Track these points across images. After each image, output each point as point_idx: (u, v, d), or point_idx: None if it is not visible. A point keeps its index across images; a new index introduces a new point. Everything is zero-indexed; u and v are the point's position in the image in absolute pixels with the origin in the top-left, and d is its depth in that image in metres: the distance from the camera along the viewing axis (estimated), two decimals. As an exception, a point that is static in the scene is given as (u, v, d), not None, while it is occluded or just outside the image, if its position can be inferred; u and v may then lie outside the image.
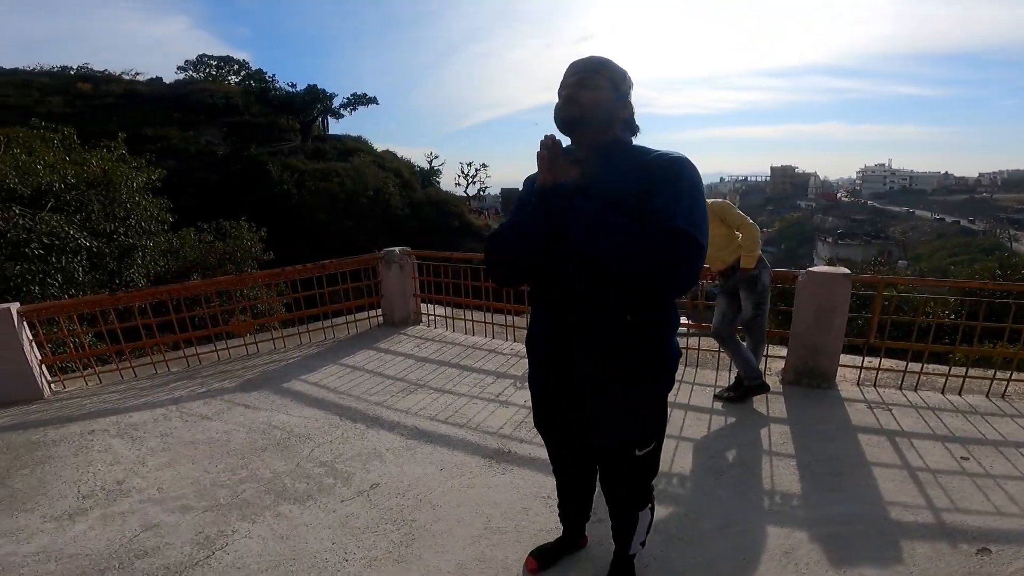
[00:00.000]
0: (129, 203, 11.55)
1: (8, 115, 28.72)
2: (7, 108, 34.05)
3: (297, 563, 2.28)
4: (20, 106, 35.06)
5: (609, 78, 1.65)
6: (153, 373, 4.97)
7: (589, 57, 1.67)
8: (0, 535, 2.53)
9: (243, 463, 3.21)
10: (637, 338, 1.65)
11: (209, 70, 49.18)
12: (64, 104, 37.49)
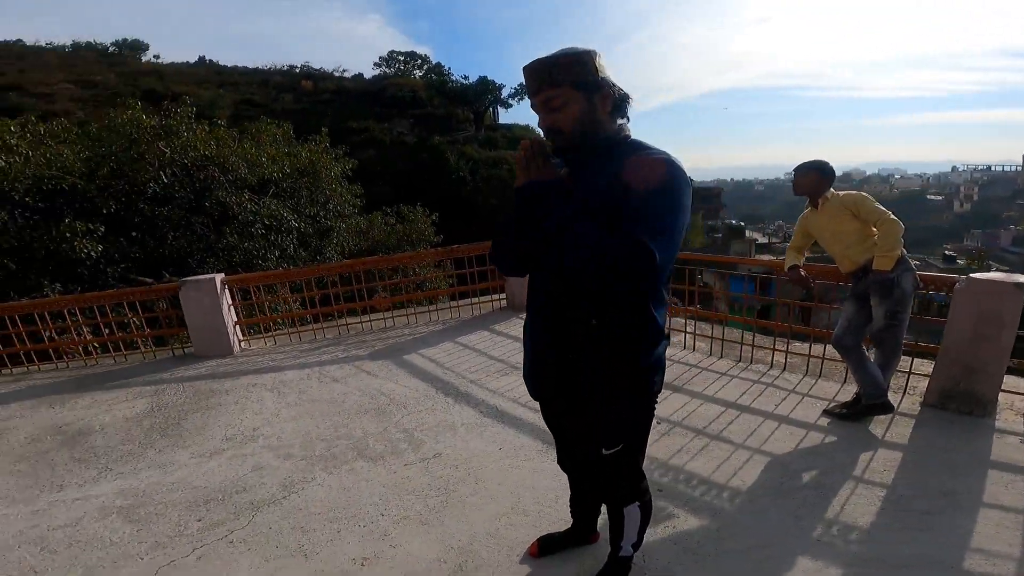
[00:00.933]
0: (328, 189, 13.44)
1: (254, 111, 35.05)
2: (254, 105, 41.56)
3: (344, 511, 2.65)
4: (262, 103, 42.57)
5: (571, 80, 1.55)
6: (312, 339, 5.89)
7: (538, 65, 1.57)
8: (157, 466, 3.31)
9: (345, 422, 3.73)
10: (604, 343, 1.63)
11: (398, 65, 54.43)
12: (293, 101, 44.55)
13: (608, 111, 1.62)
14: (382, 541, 2.39)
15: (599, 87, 1.58)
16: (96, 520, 2.69)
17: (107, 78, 45.00)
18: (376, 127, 40.57)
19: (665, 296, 1.73)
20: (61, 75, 44.09)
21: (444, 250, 6.20)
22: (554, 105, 1.57)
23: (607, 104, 1.60)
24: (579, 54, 1.56)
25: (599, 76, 1.58)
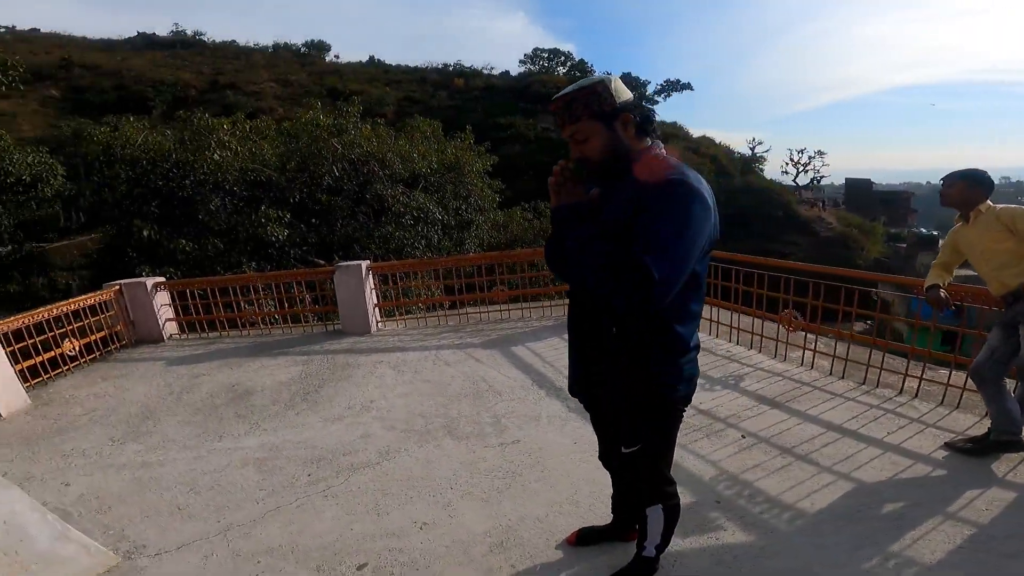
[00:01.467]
0: (470, 184, 14.29)
1: (414, 107, 37.93)
2: (413, 102, 44.92)
3: (421, 481, 3.01)
4: (421, 100, 45.84)
5: (588, 113, 1.65)
6: (437, 324, 6.46)
7: (558, 102, 1.69)
8: (292, 426, 3.96)
9: (445, 403, 4.13)
10: (621, 352, 1.75)
11: (542, 62, 55.06)
12: (447, 97, 47.30)
13: (632, 134, 1.71)
14: (443, 510, 2.71)
15: (617, 114, 1.67)
16: (236, 468, 3.35)
17: (300, 77, 51.34)
18: (521, 123, 41.72)
19: (695, 309, 1.78)
20: (266, 74, 51.12)
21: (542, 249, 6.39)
22: (578, 138, 1.69)
23: (629, 128, 1.69)
24: (592, 85, 1.67)
25: (616, 102, 1.67)
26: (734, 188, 36.58)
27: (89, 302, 6.01)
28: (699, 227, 1.58)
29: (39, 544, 2.35)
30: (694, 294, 1.74)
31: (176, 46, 59.49)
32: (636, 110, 1.70)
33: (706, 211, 1.61)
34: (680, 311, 1.73)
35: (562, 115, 1.70)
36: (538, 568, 2.25)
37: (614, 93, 1.67)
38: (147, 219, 11.11)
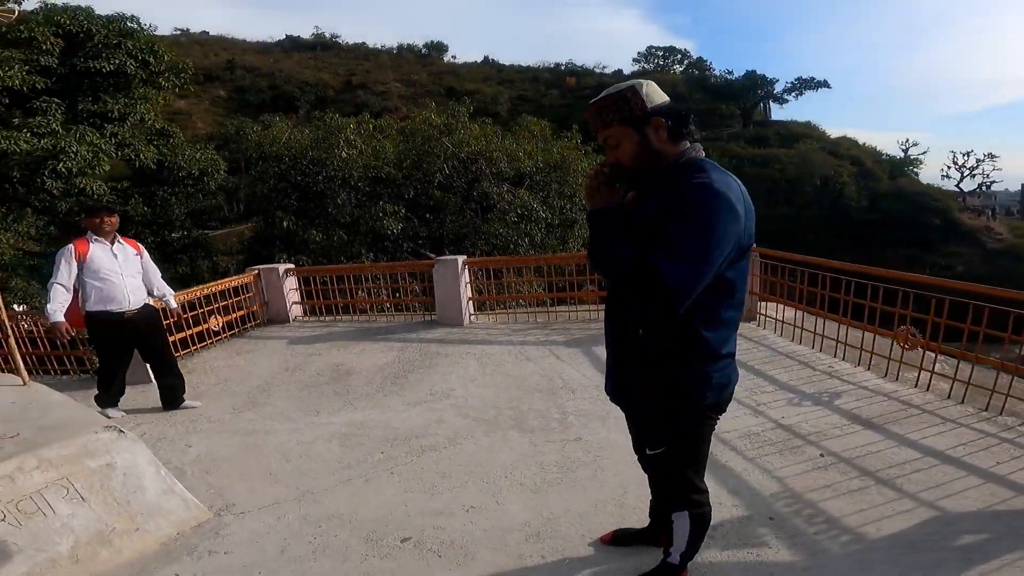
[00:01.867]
0: (575, 184, 14.25)
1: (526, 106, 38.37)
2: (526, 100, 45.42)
3: (478, 468, 3.16)
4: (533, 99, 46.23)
5: (619, 119, 1.68)
6: (526, 321, 6.61)
7: (590, 108, 1.73)
8: (378, 407, 4.29)
9: (520, 396, 4.25)
10: (647, 354, 1.77)
11: (656, 60, 53.12)
12: (559, 96, 47.27)
13: (664, 138, 1.70)
14: (492, 497, 2.83)
15: (648, 119, 1.68)
16: (324, 441, 3.71)
17: (421, 77, 54.08)
18: None
19: (727, 316, 1.74)
20: (391, 74, 54.45)
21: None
22: (611, 143, 1.73)
23: (661, 133, 1.69)
24: (622, 92, 1.69)
25: (647, 107, 1.67)
26: (881, 191, 33.11)
27: (232, 284, 6.87)
28: (722, 233, 1.56)
29: (148, 495, 2.80)
30: (726, 300, 1.71)
31: (316, 48, 64.97)
32: (668, 114, 1.69)
33: (732, 216, 1.57)
34: (709, 316, 1.70)
35: (595, 120, 1.74)
36: (566, 562, 2.30)
37: (645, 98, 1.68)
38: (287, 211, 12.43)
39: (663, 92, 1.75)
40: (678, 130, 1.70)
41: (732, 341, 1.79)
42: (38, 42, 12.05)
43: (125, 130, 13.44)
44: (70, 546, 2.51)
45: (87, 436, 2.89)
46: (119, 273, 4.21)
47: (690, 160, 1.70)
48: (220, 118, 40.22)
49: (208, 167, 14.53)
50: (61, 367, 5.93)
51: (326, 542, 2.56)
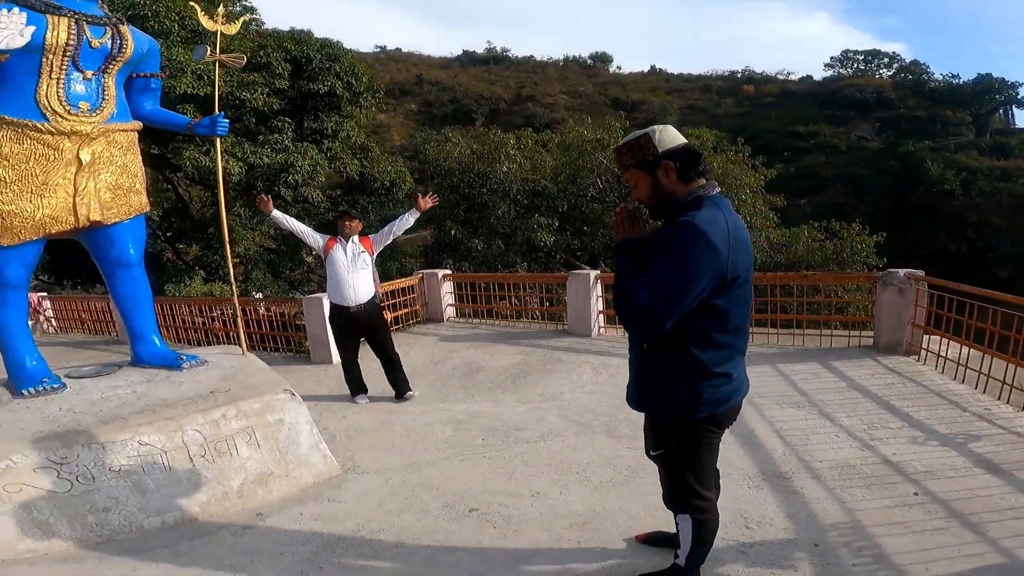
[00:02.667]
0: (737, 199, 13.50)
1: (697, 116, 36.62)
2: (697, 110, 43.19)
3: (558, 462, 3.52)
4: (704, 108, 43.79)
5: (634, 163, 1.96)
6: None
7: (615, 154, 2.03)
8: (493, 401, 4.82)
9: (619, 405, 4.17)
10: (654, 366, 2.04)
11: (856, 65, 46.88)
12: (734, 105, 44.19)
13: (674, 179, 1.95)
14: (556, 487, 3.18)
15: (659, 162, 1.94)
16: (441, 425, 4.32)
17: (587, 88, 54.49)
18: (828, 131, 36.86)
19: (719, 339, 1.94)
20: (558, 87, 55.68)
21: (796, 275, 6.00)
22: (631, 184, 2.04)
23: (670, 174, 1.95)
24: (636, 139, 1.98)
25: (659, 152, 1.93)
26: None
27: (401, 285, 7.99)
28: (695, 267, 1.78)
29: (301, 450, 3.61)
30: (717, 325, 1.91)
31: (489, 62, 68.78)
32: (677, 157, 1.93)
33: (708, 252, 1.78)
34: (701, 338, 1.91)
35: (619, 164, 2.06)
36: (596, 550, 2.58)
37: (657, 144, 1.94)
38: (456, 220, 13.77)
39: (679, 135, 1.99)
40: (686, 171, 1.93)
41: (731, 363, 1.97)
42: (272, 67, 14.41)
43: (336, 145, 15.94)
44: (239, 483, 3.36)
45: (271, 395, 3.72)
46: (347, 270, 4.70)
47: (696, 198, 1.91)
48: (412, 130, 44.81)
49: (397, 178, 16.62)
50: (275, 345, 7.42)
51: (413, 502, 3.13)
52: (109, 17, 3.62)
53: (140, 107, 3.95)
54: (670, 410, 2.02)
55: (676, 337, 1.91)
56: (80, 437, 3.13)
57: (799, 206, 38.70)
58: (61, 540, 2.92)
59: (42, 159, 3.41)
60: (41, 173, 3.43)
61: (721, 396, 1.97)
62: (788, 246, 14.51)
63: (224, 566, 2.66)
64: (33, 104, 3.35)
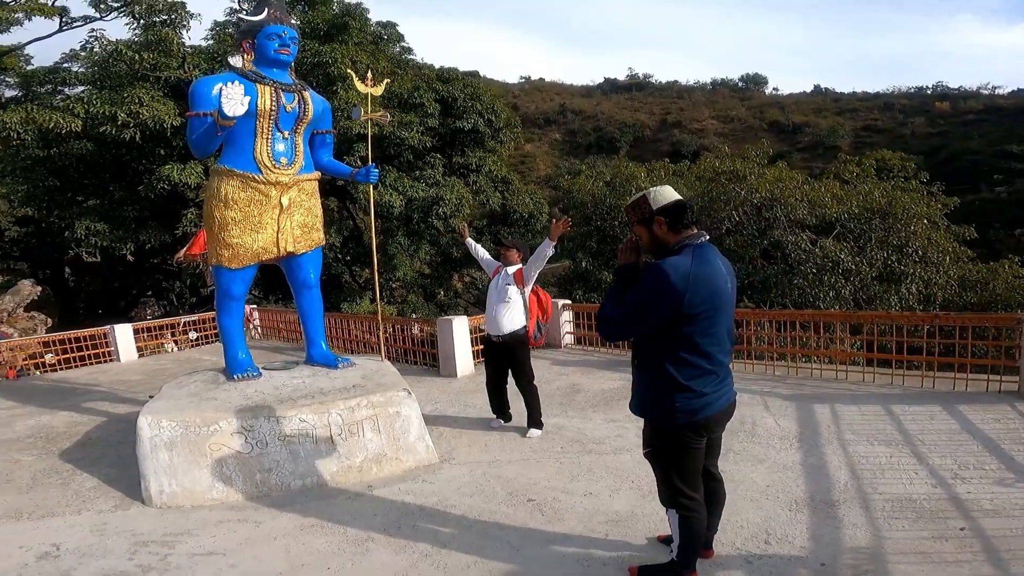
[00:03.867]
0: (907, 232, 12.22)
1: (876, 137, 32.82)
2: (876, 131, 38.59)
3: (618, 471, 3.92)
4: (885, 128, 38.96)
5: (636, 219, 2.49)
6: (764, 371, 6.66)
7: (625, 211, 2.54)
8: (581, 418, 5.29)
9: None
10: (639, 379, 2.56)
11: None
12: (926, 124, 38.74)
13: (665, 231, 2.45)
14: (608, 490, 3.62)
15: (653, 219, 2.46)
16: (545, 431, 4.89)
17: (739, 112, 51.52)
18: None
19: (687, 359, 2.36)
20: (707, 111, 53.35)
21: (927, 315, 5.68)
22: (636, 234, 2.56)
23: (662, 227, 2.45)
24: (637, 200, 2.52)
25: (653, 209, 2.45)
26: None
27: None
28: (653, 297, 2.27)
29: (409, 439, 4.42)
30: (686, 347, 2.35)
31: (632, 89, 67.84)
32: (667, 213, 2.42)
33: (665, 289, 2.25)
34: (672, 355, 2.37)
35: (629, 220, 2.58)
36: (619, 542, 3.01)
37: (652, 203, 2.46)
38: (587, 252, 14.33)
39: (673, 193, 2.48)
40: (675, 224, 2.41)
41: (702, 380, 2.38)
42: (425, 107, 16.05)
43: (480, 179, 17.41)
44: (360, 460, 4.24)
45: (392, 392, 4.56)
46: (493, 301, 4.90)
47: (681, 246, 2.36)
48: (556, 159, 46.00)
49: (535, 210, 17.68)
50: (416, 359, 8.51)
51: (485, 489, 3.77)
52: (296, 84, 4.74)
53: (319, 159, 5.10)
54: (654, 416, 2.48)
55: (655, 356, 2.39)
56: (264, 411, 4.18)
57: (1013, 236, 32.53)
58: (235, 492, 3.97)
59: (257, 204, 4.62)
60: (257, 215, 4.63)
61: (694, 407, 2.37)
62: (984, 283, 12.84)
63: (333, 520, 3.49)
64: (251, 159, 4.54)
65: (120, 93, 13.18)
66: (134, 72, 13.79)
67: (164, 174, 13.19)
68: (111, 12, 16.48)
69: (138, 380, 7.92)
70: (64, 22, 16.77)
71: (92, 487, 4.19)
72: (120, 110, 12.66)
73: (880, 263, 12.11)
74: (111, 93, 13.38)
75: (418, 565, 2.93)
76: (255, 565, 3.04)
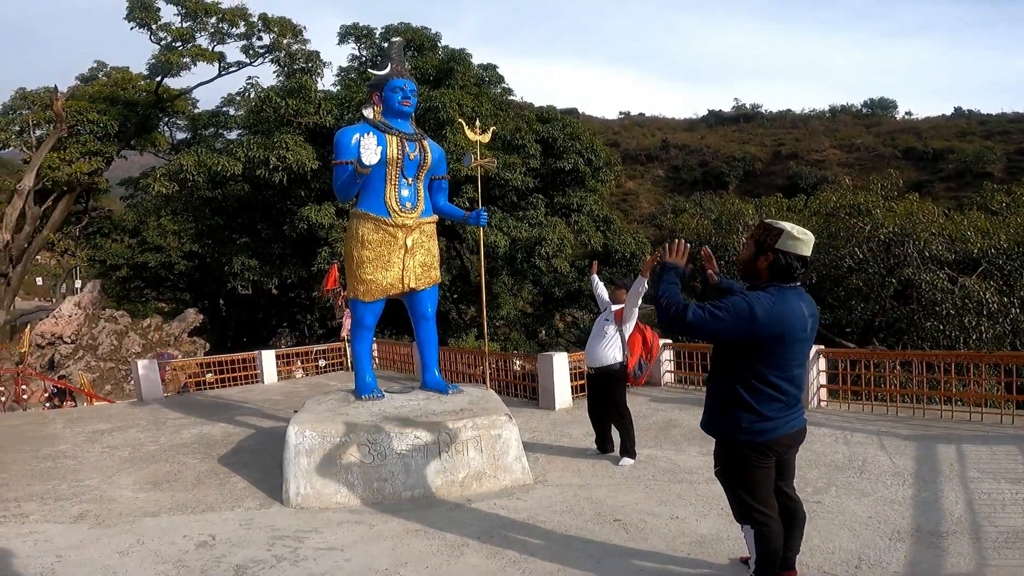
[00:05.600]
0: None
1: None
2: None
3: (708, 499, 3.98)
4: None
5: (757, 237, 2.58)
6: (884, 412, 6.29)
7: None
8: (675, 450, 5.39)
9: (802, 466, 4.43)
10: (711, 398, 2.73)
11: None
12: None
13: (764, 267, 2.57)
14: (696, 515, 3.79)
15: (766, 251, 2.55)
16: (638, 460, 5.02)
17: (865, 139, 47.10)
18: None
19: (756, 385, 2.50)
20: (826, 141, 49.20)
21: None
22: (743, 242, 2.77)
23: (765, 263, 2.57)
24: (771, 226, 2.59)
25: (774, 245, 2.53)
26: None
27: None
28: (735, 318, 2.41)
29: (508, 459, 4.74)
30: (755, 376, 2.51)
31: (739, 120, 64.14)
32: (781, 258, 2.51)
33: (747, 313, 2.40)
34: (744, 382, 2.53)
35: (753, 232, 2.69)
36: (701, 562, 3.13)
37: (779, 240, 2.51)
38: (692, 293, 14.08)
39: (804, 246, 2.52)
40: (775, 271, 2.53)
41: (769, 406, 2.51)
42: (527, 148, 16.64)
43: (582, 218, 17.72)
44: (463, 476, 4.61)
45: (495, 416, 4.92)
46: (593, 335, 5.20)
47: (770, 285, 2.54)
48: (660, 196, 44.57)
49: (637, 249, 17.66)
50: (517, 392, 8.87)
51: (575, 508, 4.00)
52: (417, 134, 5.28)
53: (435, 202, 5.62)
54: (718, 431, 2.63)
55: (728, 379, 2.56)
56: (385, 428, 4.68)
57: None
58: (355, 497, 4.48)
59: (387, 244, 5.18)
60: (386, 254, 5.20)
61: (756, 428, 2.50)
62: None
63: (435, 526, 3.86)
64: (382, 204, 5.11)
65: (270, 138, 15.08)
66: (280, 117, 15.74)
67: (304, 214, 14.87)
68: (258, 58, 19.16)
69: (279, 399, 8.98)
70: (222, 67, 19.81)
71: (243, 488, 4.89)
72: (271, 154, 14.54)
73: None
74: (263, 138, 15.36)
75: (506, 569, 3.21)
76: (366, 560, 3.45)
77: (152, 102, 19.70)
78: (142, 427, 7.21)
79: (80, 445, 6.41)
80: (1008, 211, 13.08)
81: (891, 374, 6.67)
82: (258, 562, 3.46)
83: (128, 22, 17.93)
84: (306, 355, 12.46)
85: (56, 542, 3.75)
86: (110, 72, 21.27)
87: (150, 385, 9.74)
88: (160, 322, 18.89)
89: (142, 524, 4.09)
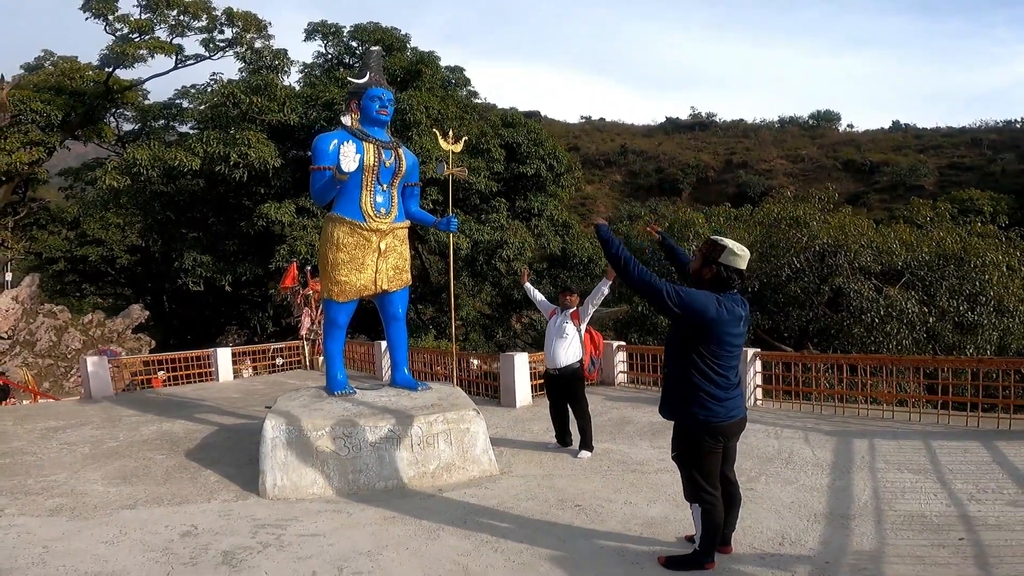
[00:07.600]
0: (980, 280, 11.86)
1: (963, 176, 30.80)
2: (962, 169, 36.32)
3: (658, 486, 4.41)
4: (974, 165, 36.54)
5: (704, 251, 3.07)
6: (811, 411, 6.93)
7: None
8: (627, 444, 5.81)
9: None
10: (667, 385, 3.20)
11: None
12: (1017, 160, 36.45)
13: (709, 277, 3.04)
14: (646, 501, 4.20)
15: (710, 265, 3.04)
16: (595, 454, 5.46)
17: (810, 151, 49.28)
18: None
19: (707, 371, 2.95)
20: (774, 151, 51.11)
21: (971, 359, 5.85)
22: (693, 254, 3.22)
23: (709, 274, 3.05)
24: (716, 243, 3.09)
25: (718, 259, 3.01)
26: None
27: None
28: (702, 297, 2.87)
29: (475, 451, 5.06)
30: (707, 364, 2.94)
31: (695, 128, 65.81)
32: (720, 268, 3.00)
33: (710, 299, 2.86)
34: (699, 368, 2.96)
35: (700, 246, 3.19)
36: (652, 539, 3.56)
37: (723, 255, 3.01)
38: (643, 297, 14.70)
39: (744, 262, 3.04)
40: (719, 283, 3.01)
41: (722, 393, 2.96)
42: (491, 153, 16.98)
43: (542, 223, 18.19)
44: (434, 467, 4.90)
45: (464, 411, 5.22)
46: (551, 337, 5.51)
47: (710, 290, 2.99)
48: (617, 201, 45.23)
49: (594, 254, 18.29)
50: (478, 390, 9.15)
51: (538, 496, 4.38)
52: (393, 142, 5.49)
53: (407, 208, 5.84)
54: (679, 416, 3.06)
55: (683, 369, 2.97)
56: (359, 422, 4.91)
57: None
58: (330, 488, 4.69)
59: (361, 247, 5.39)
60: (360, 257, 5.41)
61: (707, 415, 2.95)
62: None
63: (410, 514, 4.15)
64: (358, 209, 5.31)
65: (231, 134, 14.81)
66: (243, 113, 15.46)
67: (263, 212, 14.72)
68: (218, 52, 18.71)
69: (238, 397, 8.99)
70: (179, 60, 19.26)
71: (216, 481, 5.02)
72: (232, 151, 14.29)
73: (953, 313, 11.83)
74: (224, 133, 15.06)
75: (480, 548, 3.54)
76: (349, 544, 3.70)
77: (101, 93, 19.01)
78: (96, 424, 7.13)
79: (35, 442, 6.34)
80: (932, 225, 14.19)
81: (819, 376, 7.36)
82: (245, 548, 3.65)
83: (83, 12, 17.26)
84: (262, 353, 12.38)
85: (38, 534, 3.84)
86: (57, 61, 20.41)
87: (99, 383, 9.54)
88: (103, 318, 18.25)
89: (120, 516, 4.20)
